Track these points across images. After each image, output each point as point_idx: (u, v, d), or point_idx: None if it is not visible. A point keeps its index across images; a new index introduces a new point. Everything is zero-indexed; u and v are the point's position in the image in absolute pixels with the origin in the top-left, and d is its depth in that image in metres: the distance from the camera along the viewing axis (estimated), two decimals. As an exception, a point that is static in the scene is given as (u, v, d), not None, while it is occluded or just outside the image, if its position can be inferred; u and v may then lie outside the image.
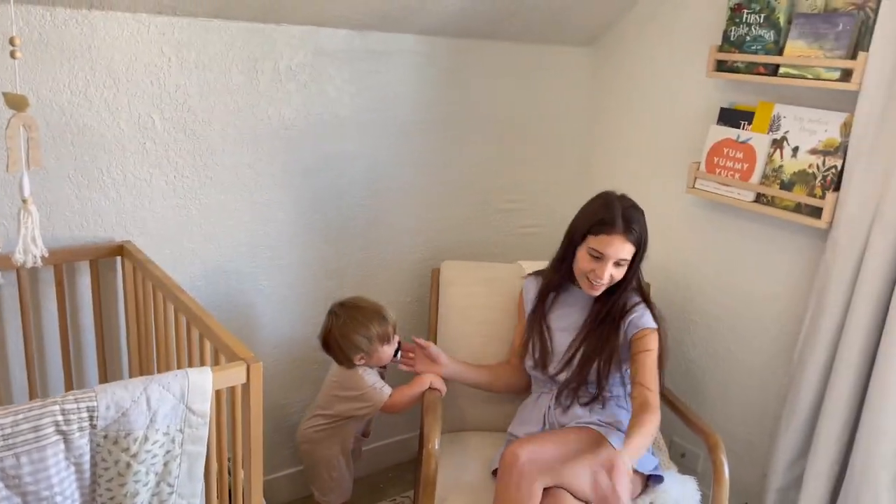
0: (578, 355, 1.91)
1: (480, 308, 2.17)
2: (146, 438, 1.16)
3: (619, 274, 1.84)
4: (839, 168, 1.94)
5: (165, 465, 1.19)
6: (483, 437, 2.11)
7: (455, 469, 1.92)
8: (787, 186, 2.05)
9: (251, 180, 2.06)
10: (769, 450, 2.17)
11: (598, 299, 1.92)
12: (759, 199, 2.13)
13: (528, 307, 2.03)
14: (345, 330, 1.96)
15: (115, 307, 1.92)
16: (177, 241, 1.99)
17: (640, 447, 1.65)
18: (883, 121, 1.81)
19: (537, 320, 1.99)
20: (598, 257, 1.81)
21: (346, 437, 2.07)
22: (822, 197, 1.96)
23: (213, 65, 1.90)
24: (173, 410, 1.18)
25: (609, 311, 1.90)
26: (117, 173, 1.84)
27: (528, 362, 2.00)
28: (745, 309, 2.29)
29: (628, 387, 1.90)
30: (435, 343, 2.20)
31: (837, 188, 1.94)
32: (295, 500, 2.40)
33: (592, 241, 1.81)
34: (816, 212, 1.99)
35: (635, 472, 1.76)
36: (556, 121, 2.67)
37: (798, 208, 2.04)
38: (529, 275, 2.10)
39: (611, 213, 1.80)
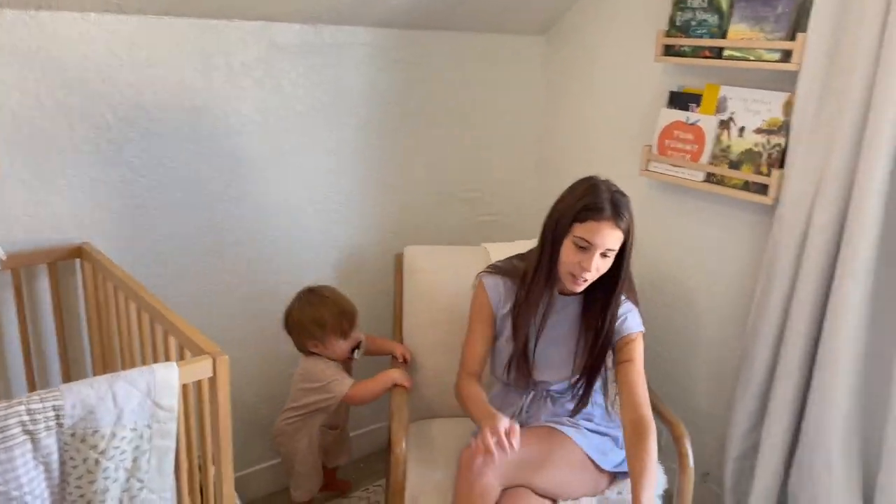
0: (570, 369, 1.83)
1: (447, 294, 2.16)
2: (114, 435, 1.17)
3: (604, 266, 1.69)
4: (783, 146, 2.01)
5: (134, 460, 1.20)
6: (450, 424, 2.13)
7: (424, 464, 1.93)
8: (735, 165, 2.12)
9: (208, 177, 2.06)
10: (726, 420, 2.25)
11: (589, 306, 1.79)
12: (710, 178, 2.20)
13: (500, 311, 1.86)
14: (300, 314, 2.01)
15: (75, 309, 1.91)
16: (136, 241, 1.98)
17: (653, 489, 1.63)
18: (822, 99, 1.88)
19: (521, 332, 1.80)
20: (585, 247, 1.65)
21: (313, 430, 2.10)
22: (768, 174, 2.03)
23: (165, 62, 1.90)
24: (140, 406, 1.19)
25: (603, 319, 1.76)
26: (72, 175, 1.83)
27: (500, 372, 1.90)
28: (700, 286, 2.36)
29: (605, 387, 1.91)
30: (401, 331, 2.22)
31: (782, 165, 2.02)
32: (271, 493, 2.42)
33: (578, 230, 1.65)
34: (763, 189, 2.06)
35: (601, 470, 1.79)
36: (511, 109, 2.71)
37: (746, 186, 2.11)
38: (487, 273, 1.89)
39: (598, 198, 1.65)
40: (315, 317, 2.00)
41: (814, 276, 1.91)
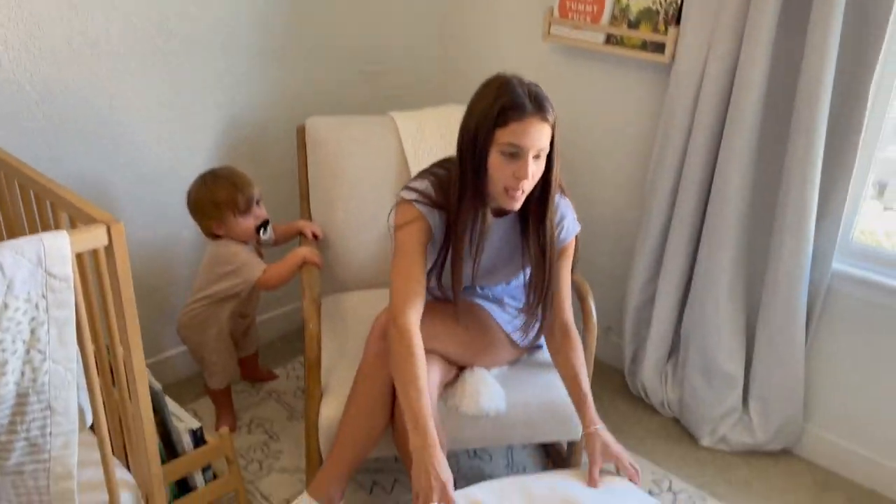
0: (511, 277, 1.77)
1: (353, 167, 2.12)
2: (6, 306, 1.12)
3: (539, 170, 1.51)
4: (679, 3, 2.03)
5: (32, 332, 1.16)
6: (362, 296, 2.15)
7: (338, 337, 1.96)
8: (633, 25, 2.14)
9: (89, 52, 1.90)
10: (627, 275, 2.38)
11: (525, 220, 1.63)
12: (610, 40, 2.22)
13: (440, 244, 1.64)
14: (198, 195, 1.96)
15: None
16: (13, 121, 1.83)
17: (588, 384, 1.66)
18: (715, -49, 1.89)
19: (456, 260, 1.62)
20: (515, 153, 1.46)
21: (223, 318, 2.07)
22: (665, 32, 2.06)
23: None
24: (32, 276, 1.14)
25: (543, 231, 1.60)
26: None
27: (434, 287, 1.73)
28: (603, 148, 2.43)
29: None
30: (309, 209, 2.19)
31: (678, 23, 2.04)
32: (187, 378, 2.42)
33: (502, 135, 1.45)
34: (660, 48, 2.09)
35: (517, 347, 1.80)
36: (410, -25, 2.61)
37: (644, 46, 2.14)
38: (415, 202, 1.60)
39: (515, 95, 1.45)
40: (210, 196, 1.94)
41: (707, 126, 1.99)
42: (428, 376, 1.54)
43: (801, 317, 1.99)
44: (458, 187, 1.54)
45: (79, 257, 1.25)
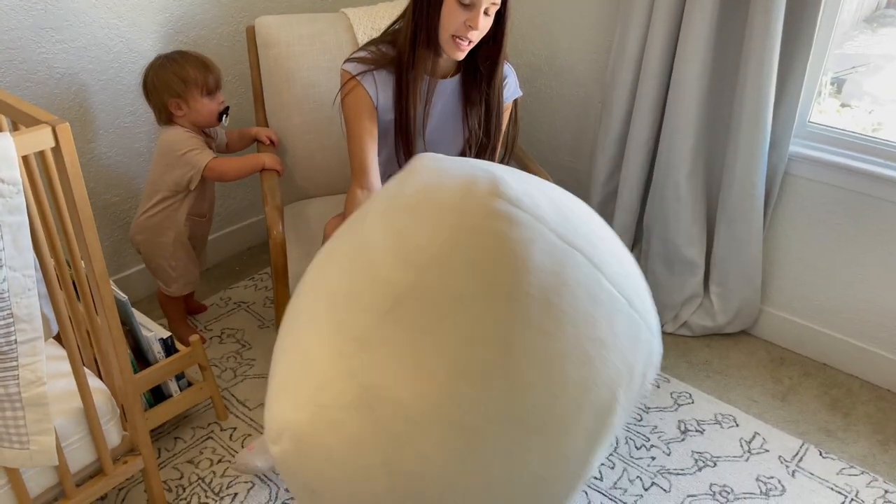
0: (461, 145, 1.77)
1: (308, 68, 2.05)
2: (-46, 211, 1.08)
3: (487, 25, 1.56)
4: None
5: (-15, 238, 1.13)
6: (323, 203, 2.13)
7: (302, 243, 1.94)
8: None
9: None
10: (589, 171, 2.39)
11: (471, 80, 1.67)
12: (567, -75, 2.14)
13: (389, 115, 1.68)
14: (160, 71, 1.86)
15: None
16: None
17: None
18: None
19: (403, 128, 1.67)
20: (469, 4, 1.51)
21: (180, 220, 2.00)
22: (623, -86, 1.99)
23: None
24: (-23, 180, 1.10)
25: (489, 91, 1.67)
26: None
27: (382, 159, 1.76)
28: (560, 44, 2.38)
29: None
30: (265, 115, 2.13)
31: None
32: (145, 297, 2.39)
33: None
34: (619, -69, 2.03)
35: None
36: None
37: (602, -70, 2.07)
38: (355, 64, 1.65)
39: None
40: (178, 71, 1.84)
41: (665, 14, 1.96)
42: None
43: (759, 201, 2.03)
44: (410, 36, 1.58)
45: (27, 162, 1.20)
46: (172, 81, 1.85)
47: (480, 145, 1.74)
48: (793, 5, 1.84)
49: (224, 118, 1.94)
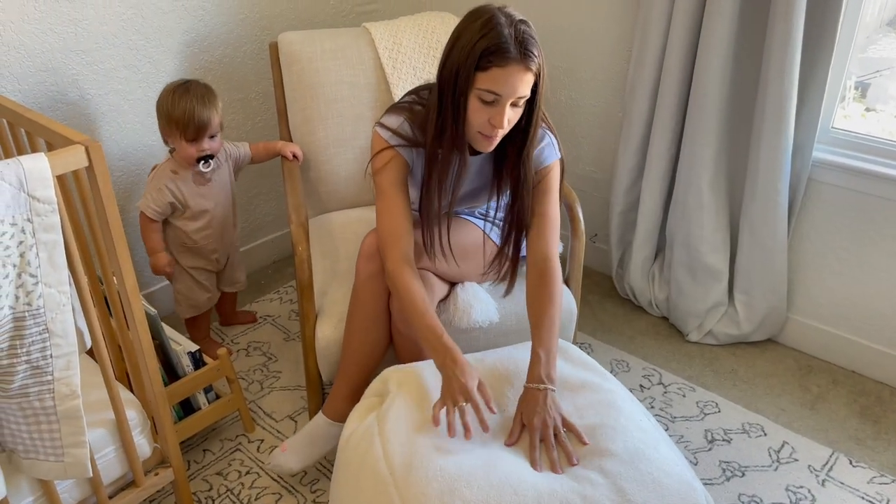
0: (484, 203, 1.72)
1: (331, 83, 2.08)
2: (-7, 230, 1.12)
3: (516, 116, 1.45)
4: None
5: (22, 255, 1.16)
6: (347, 216, 2.14)
7: (327, 257, 1.96)
8: (607, -81, 2.07)
9: (45, -26, 1.84)
10: (611, 180, 2.39)
11: (500, 160, 1.58)
12: (584, -63, 2.16)
13: (416, 180, 1.62)
14: (160, 100, 1.89)
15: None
16: (-25, 54, 1.78)
17: (554, 357, 1.44)
18: None
19: (431, 197, 1.57)
20: (492, 101, 1.39)
21: (175, 243, 2.01)
22: (641, -75, 2.01)
23: None
24: (15, 200, 1.13)
25: (518, 171, 1.55)
26: None
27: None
28: (580, 54, 2.39)
29: None
30: (288, 130, 2.16)
31: (653, -87, 1.99)
32: (173, 313, 2.42)
33: (482, 81, 1.37)
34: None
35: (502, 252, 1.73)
36: None
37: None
38: (395, 145, 1.57)
39: (499, 38, 1.34)
40: (167, 110, 1.86)
41: (684, 23, 1.96)
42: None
43: (783, 208, 2.02)
44: (436, 125, 1.49)
45: (61, 181, 1.24)
46: (162, 117, 1.88)
47: (510, 205, 1.63)
48: (813, 9, 1.83)
49: (204, 163, 1.93)
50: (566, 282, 1.88)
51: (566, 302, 1.81)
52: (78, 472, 1.34)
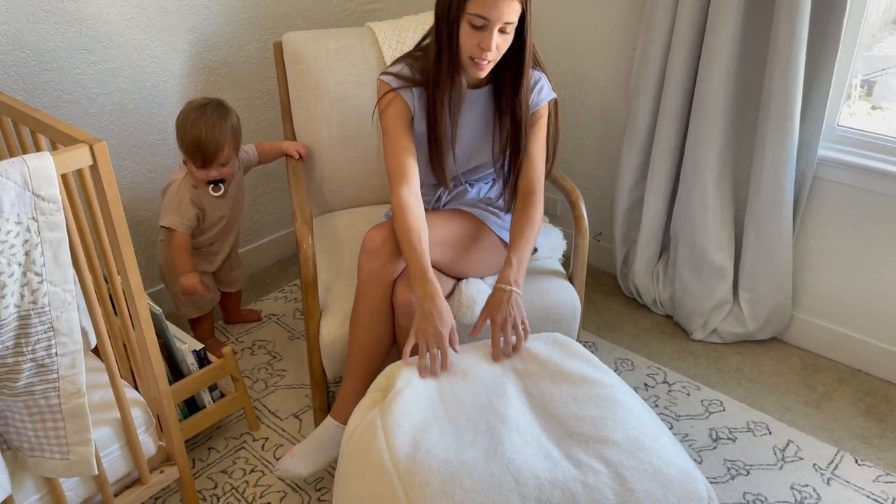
0: (490, 156, 1.79)
1: (335, 82, 2.08)
2: (-3, 229, 1.12)
3: (505, 44, 1.57)
4: None
5: (27, 254, 1.16)
6: (352, 215, 2.14)
7: (332, 255, 1.96)
8: (611, -83, 2.07)
9: (50, -26, 1.85)
10: (615, 179, 2.39)
11: (499, 91, 1.70)
12: (588, -65, 2.15)
13: (422, 125, 1.71)
14: (178, 119, 1.91)
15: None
16: (-19, 53, 1.79)
17: (524, 266, 1.64)
18: None
19: (436, 139, 1.70)
20: (482, 26, 1.52)
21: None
22: (645, -78, 2.00)
23: None
24: (20, 198, 1.14)
25: (516, 100, 1.68)
26: None
27: (421, 173, 1.74)
28: (584, 53, 2.39)
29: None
30: (293, 128, 2.16)
31: (657, -89, 1.98)
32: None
33: (472, 6, 1.51)
34: (640, -60, 2.04)
35: (507, 247, 1.77)
36: None
37: (624, -61, 2.08)
38: (396, 87, 1.68)
39: None
40: (181, 133, 1.90)
41: (689, 20, 1.96)
42: None
43: (788, 206, 2.02)
44: (435, 56, 1.61)
45: (66, 180, 1.24)
46: (178, 134, 1.91)
47: (512, 154, 1.75)
48: (818, 7, 1.82)
49: (214, 186, 1.96)
50: (570, 278, 1.88)
51: (569, 298, 1.83)
52: (83, 469, 1.34)
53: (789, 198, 2.01)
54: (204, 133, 1.86)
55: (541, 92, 1.73)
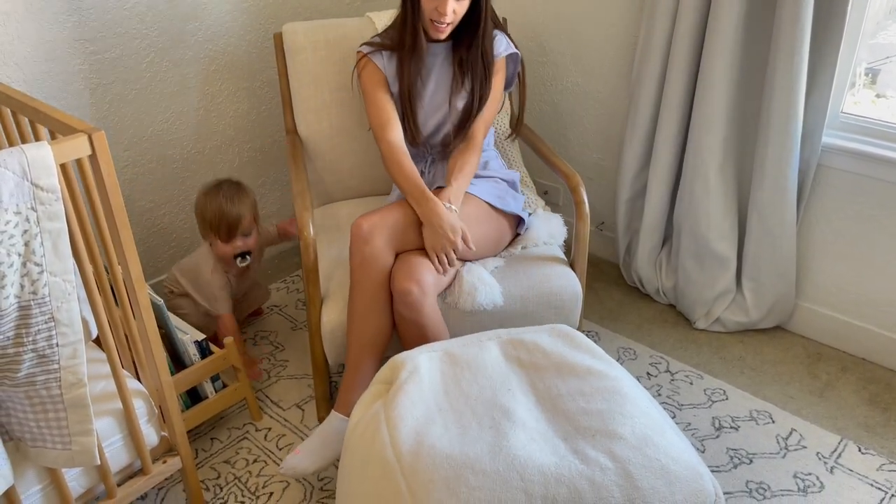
0: (455, 116, 1.87)
1: (335, 72, 2.07)
2: (-4, 219, 1.12)
3: (461, 8, 1.74)
4: None
5: (27, 244, 1.16)
6: (353, 205, 2.14)
7: (333, 244, 1.96)
8: None
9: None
10: (617, 168, 2.38)
11: (459, 47, 1.85)
12: (590, -79, 2.13)
13: (395, 86, 1.86)
14: (197, 201, 1.99)
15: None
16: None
17: (461, 191, 1.77)
18: None
19: (406, 95, 1.85)
20: None
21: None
22: None
23: None
24: (18, 188, 1.13)
25: (475, 57, 1.84)
26: None
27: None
28: (586, 40, 2.37)
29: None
30: (293, 119, 2.15)
31: None
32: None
33: None
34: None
35: (502, 214, 1.84)
36: None
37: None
38: (367, 52, 1.87)
39: None
40: (201, 210, 1.96)
41: (692, 6, 1.94)
42: (427, 278, 1.63)
43: (792, 194, 2.00)
44: (401, 21, 1.81)
45: (65, 170, 1.24)
46: (198, 217, 1.97)
47: (473, 103, 1.87)
48: (822, -6, 1.81)
49: (241, 259, 2.00)
50: (571, 265, 1.88)
51: (570, 284, 1.83)
52: (85, 460, 1.35)
53: (793, 186, 1.99)
54: (224, 205, 1.94)
55: (499, 46, 1.87)
